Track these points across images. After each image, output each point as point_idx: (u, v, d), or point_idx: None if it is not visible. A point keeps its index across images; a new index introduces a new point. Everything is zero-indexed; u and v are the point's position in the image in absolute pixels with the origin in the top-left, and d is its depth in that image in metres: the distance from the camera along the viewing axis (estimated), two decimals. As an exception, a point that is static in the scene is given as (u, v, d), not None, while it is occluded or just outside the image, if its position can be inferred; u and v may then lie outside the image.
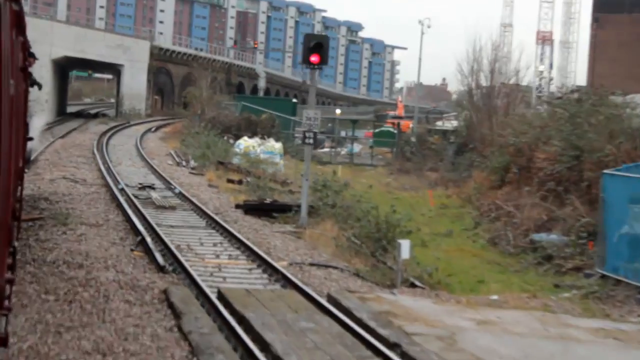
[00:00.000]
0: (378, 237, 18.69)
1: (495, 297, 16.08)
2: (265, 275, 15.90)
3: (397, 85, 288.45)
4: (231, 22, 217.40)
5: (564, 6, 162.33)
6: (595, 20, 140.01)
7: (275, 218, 22.94)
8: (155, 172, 32.36)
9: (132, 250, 17.00)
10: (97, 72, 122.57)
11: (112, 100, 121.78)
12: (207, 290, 13.63)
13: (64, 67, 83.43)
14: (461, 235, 25.46)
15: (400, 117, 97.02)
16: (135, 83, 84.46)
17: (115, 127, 58.02)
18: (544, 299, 16.20)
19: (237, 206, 24.28)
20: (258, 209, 23.39)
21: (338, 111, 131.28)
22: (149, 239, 17.50)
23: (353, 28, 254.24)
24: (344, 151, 58.85)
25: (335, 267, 17.03)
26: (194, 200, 24.63)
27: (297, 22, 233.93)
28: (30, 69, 13.31)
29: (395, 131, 64.05)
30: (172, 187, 27.54)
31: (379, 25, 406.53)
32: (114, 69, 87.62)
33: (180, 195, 25.81)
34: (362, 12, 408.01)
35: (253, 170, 33.05)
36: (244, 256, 17.54)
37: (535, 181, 26.99)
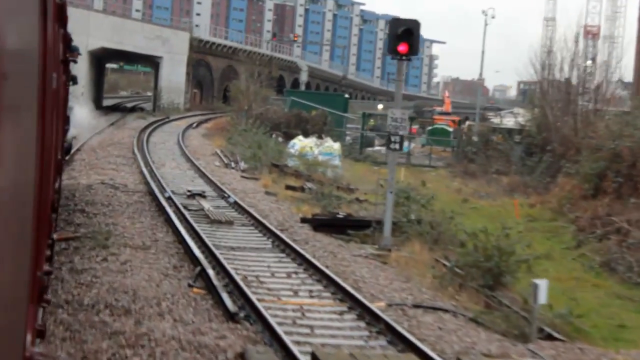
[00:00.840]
0: (488, 267, 15.06)
1: (653, 352, 12.46)
2: (362, 324, 12.37)
3: (435, 80, 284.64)
4: (268, 15, 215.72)
5: (610, 0, 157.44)
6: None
7: (350, 236, 19.42)
8: (203, 175, 28.95)
9: (190, 285, 13.53)
10: (135, 64, 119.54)
11: (149, 94, 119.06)
12: (297, 353, 10.15)
13: (101, 59, 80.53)
14: (564, 256, 21.76)
15: (447, 114, 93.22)
16: (174, 76, 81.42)
17: (154, 122, 54.79)
18: None
19: (304, 220, 20.76)
20: (330, 225, 19.85)
21: (380, 106, 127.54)
22: (210, 271, 14.00)
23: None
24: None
25: (446, 310, 13.47)
26: (253, 211, 21.16)
27: (335, 16, 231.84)
28: (73, 63, 13.64)
29: (451, 129, 60.32)
30: (225, 194, 24.08)
31: (418, 19, 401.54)
32: (152, 61, 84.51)
33: (236, 206, 22.34)
34: (401, 5, 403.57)
35: (312, 174, 29.51)
36: (329, 293, 14.01)
37: (644, 192, 23.19)
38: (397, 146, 18.44)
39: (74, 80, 15.94)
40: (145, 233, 17.74)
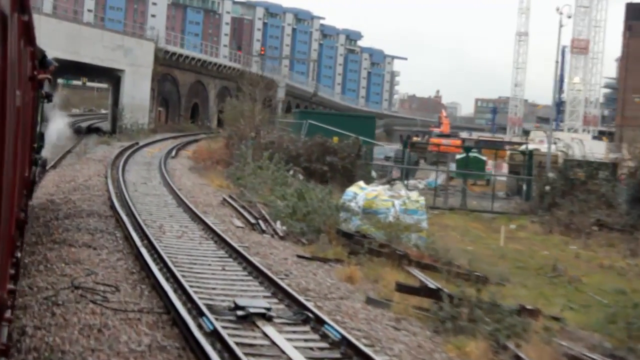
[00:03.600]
0: None
1: None
2: None
3: (396, 97, 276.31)
4: (225, 29, 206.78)
5: (586, 13, 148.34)
6: (629, 29, 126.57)
7: None
8: (234, 253, 17.65)
9: None
10: (92, 80, 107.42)
11: (104, 111, 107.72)
12: None
13: (53, 73, 68.58)
14: None
15: (447, 135, 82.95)
16: (138, 92, 70.14)
17: (123, 150, 43.39)
18: None
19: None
20: None
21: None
22: None
23: (352, 37, 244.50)
24: (422, 184, 44.41)
25: None
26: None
27: (294, 30, 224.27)
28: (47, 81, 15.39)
29: (485, 158, 49.68)
30: (308, 313, 12.88)
31: (379, 34, 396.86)
32: (112, 75, 72.97)
33: (350, 349, 11.19)
34: (362, 20, 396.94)
35: (405, 249, 18.38)
36: None
37: None
38: None
39: (48, 97, 16.57)
40: None
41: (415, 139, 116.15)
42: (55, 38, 58.81)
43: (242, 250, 17.66)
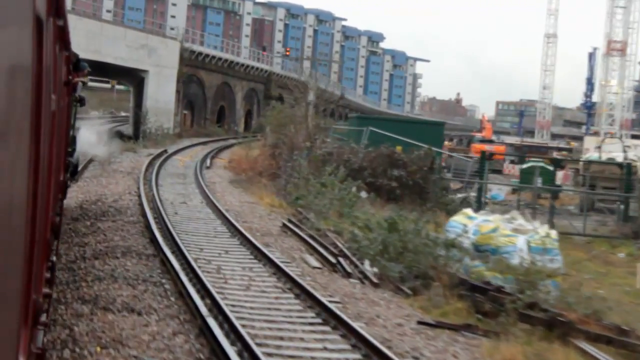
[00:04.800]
0: None
1: None
2: None
3: (417, 99, 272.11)
4: (246, 30, 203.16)
5: (619, 14, 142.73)
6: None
7: None
8: (330, 316, 12.76)
9: None
10: (112, 80, 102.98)
11: (123, 114, 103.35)
12: None
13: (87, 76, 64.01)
14: None
15: (490, 141, 77.78)
16: (162, 94, 65.48)
17: (152, 158, 38.55)
18: None
19: None
20: None
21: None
22: None
23: (374, 38, 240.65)
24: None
25: None
26: None
27: (315, 31, 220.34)
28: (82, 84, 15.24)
29: (552, 168, 44.50)
30: None
31: (401, 35, 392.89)
32: (135, 76, 68.26)
33: None
34: (384, 22, 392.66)
35: (559, 309, 13.44)
36: None
37: None
38: None
39: (81, 101, 15.91)
40: None
41: (447, 143, 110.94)
42: (75, 36, 53.47)
43: (337, 312, 12.78)
